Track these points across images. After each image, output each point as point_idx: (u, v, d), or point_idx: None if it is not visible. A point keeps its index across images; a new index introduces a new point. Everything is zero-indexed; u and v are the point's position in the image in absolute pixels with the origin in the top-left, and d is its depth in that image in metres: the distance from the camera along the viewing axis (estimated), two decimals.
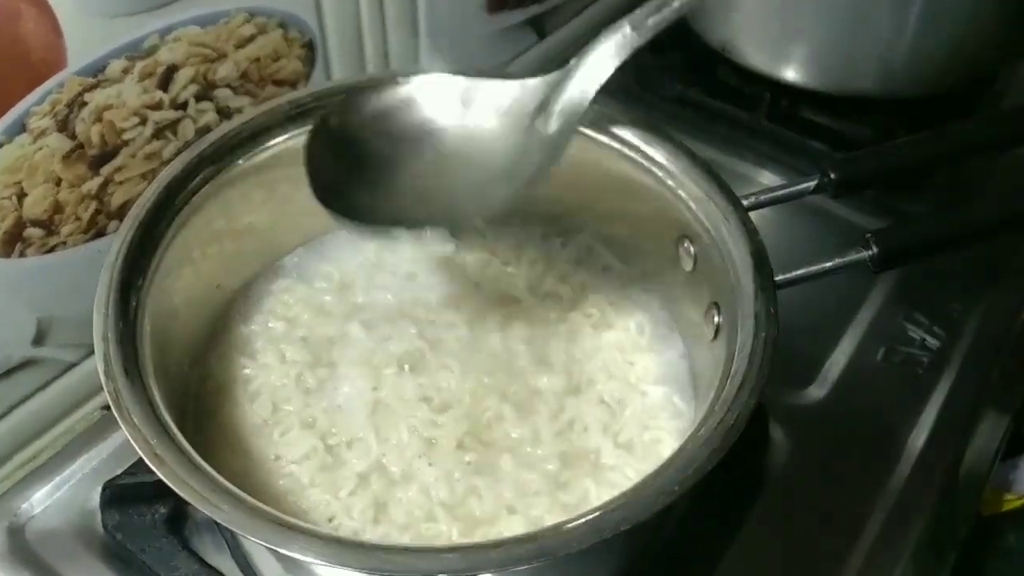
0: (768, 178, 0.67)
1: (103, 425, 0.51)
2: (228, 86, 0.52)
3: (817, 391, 0.54)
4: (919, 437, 0.52)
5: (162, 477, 0.33)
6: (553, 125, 0.42)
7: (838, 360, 0.56)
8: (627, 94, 0.38)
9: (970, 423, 0.53)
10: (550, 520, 0.39)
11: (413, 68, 0.59)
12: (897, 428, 0.52)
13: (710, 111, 0.70)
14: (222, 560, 0.45)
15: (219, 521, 0.33)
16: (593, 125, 0.45)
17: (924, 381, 0.54)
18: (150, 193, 0.41)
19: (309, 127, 0.43)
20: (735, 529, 0.48)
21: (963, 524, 0.51)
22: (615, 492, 0.34)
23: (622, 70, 0.40)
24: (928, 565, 0.48)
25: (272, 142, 0.45)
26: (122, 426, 0.34)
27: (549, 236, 0.52)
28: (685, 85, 0.72)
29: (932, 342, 0.56)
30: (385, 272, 0.50)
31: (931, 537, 0.49)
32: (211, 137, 0.44)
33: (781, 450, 0.51)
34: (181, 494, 0.33)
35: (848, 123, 0.68)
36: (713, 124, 0.70)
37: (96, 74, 0.46)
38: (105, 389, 0.35)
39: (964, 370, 0.55)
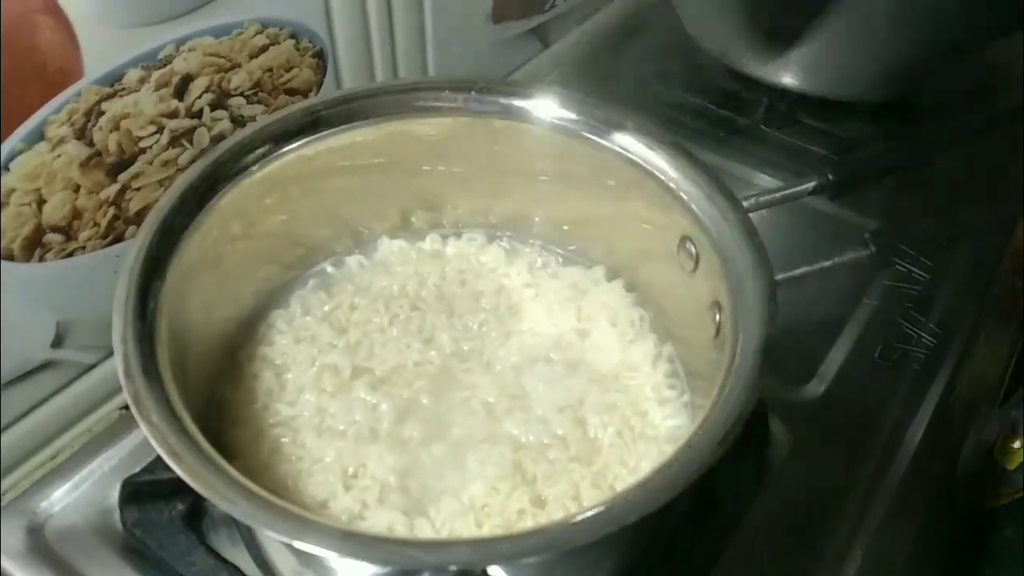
0: (766, 181, 0.67)
1: (121, 425, 0.51)
2: (242, 95, 0.53)
3: (816, 387, 0.55)
4: (916, 432, 0.52)
5: (180, 473, 0.33)
6: None
7: (836, 357, 0.56)
8: (628, 100, 0.39)
9: (966, 418, 0.54)
10: None
11: (421, 77, 0.60)
12: (895, 423, 0.53)
13: (709, 116, 0.70)
14: (239, 555, 0.45)
15: (235, 516, 0.33)
16: (596, 131, 0.46)
17: (921, 377, 0.55)
18: (167, 199, 0.42)
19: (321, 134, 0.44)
20: (736, 523, 0.48)
21: (961, 518, 0.52)
22: None
23: (623, 77, 0.41)
24: (927, 558, 0.49)
25: (285, 149, 0.46)
26: (141, 425, 0.35)
27: (552, 237, 0.53)
28: (685, 91, 0.72)
29: (928, 339, 0.57)
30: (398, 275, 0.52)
31: (930, 531, 0.49)
32: (226, 144, 0.44)
33: (780, 445, 0.51)
34: (199, 490, 0.33)
35: (844, 126, 0.68)
36: (712, 129, 0.70)
37: (113, 83, 0.46)
38: (125, 389, 0.36)
39: (960, 366, 0.56)
